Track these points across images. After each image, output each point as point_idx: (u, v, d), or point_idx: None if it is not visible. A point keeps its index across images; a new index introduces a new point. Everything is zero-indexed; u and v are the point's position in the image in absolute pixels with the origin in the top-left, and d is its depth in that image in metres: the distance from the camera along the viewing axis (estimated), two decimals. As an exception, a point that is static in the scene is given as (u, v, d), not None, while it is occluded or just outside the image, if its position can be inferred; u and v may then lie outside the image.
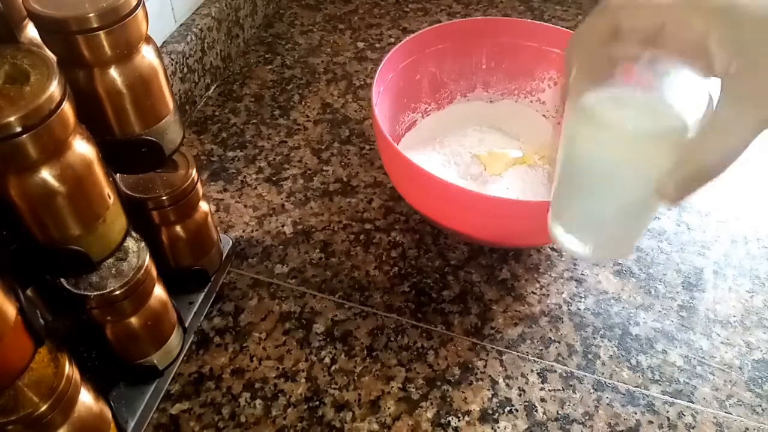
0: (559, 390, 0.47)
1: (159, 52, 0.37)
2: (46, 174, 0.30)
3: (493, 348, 0.50)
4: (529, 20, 0.66)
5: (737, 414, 0.46)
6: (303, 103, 0.71)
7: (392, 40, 0.80)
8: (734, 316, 0.52)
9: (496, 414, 0.46)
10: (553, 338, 0.50)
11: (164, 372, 0.45)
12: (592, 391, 0.47)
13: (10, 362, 0.30)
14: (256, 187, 0.61)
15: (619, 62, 0.29)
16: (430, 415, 0.45)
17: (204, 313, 0.51)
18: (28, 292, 0.36)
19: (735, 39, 0.25)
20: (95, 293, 0.38)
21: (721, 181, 0.66)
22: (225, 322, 0.51)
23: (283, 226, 0.58)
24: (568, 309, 0.52)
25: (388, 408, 0.46)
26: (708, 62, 0.27)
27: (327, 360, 0.48)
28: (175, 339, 0.45)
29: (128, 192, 0.43)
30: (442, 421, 0.45)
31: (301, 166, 0.64)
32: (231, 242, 0.55)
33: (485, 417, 0.45)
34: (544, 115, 0.65)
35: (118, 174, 0.43)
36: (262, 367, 0.48)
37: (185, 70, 0.66)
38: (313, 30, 0.82)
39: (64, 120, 0.29)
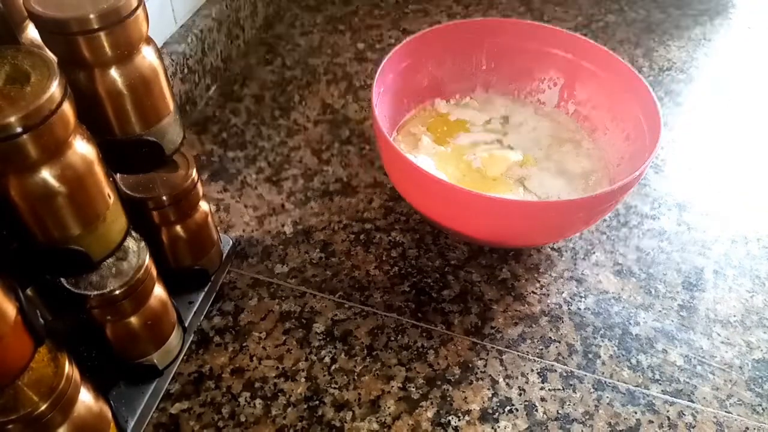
0: (559, 389, 0.47)
1: (159, 52, 0.37)
2: (47, 174, 0.30)
3: (493, 347, 0.50)
4: (528, 21, 0.66)
5: (737, 413, 0.46)
6: (303, 103, 0.71)
7: (392, 41, 0.80)
8: (734, 316, 0.52)
9: (497, 413, 0.46)
10: (553, 338, 0.50)
11: (164, 371, 0.45)
12: (592, 390, 0.47)
13: (10, 361, 0.30)
14: (256, 187, 0.62)
15: None
16: (430, 414, 0.45)
17: (204, 313, 0.51)
18: (28, 291, 0.36)
19: None
20: (95, 293, 0.38)
21: (722, 180, 0.67)
22: (225, 321, 0.51)
23: (283, 225, 0.58)
24: (569, 309, 0.52)
25: (388, 407, 0.46)
26: None
27: (327, 359, 0.48)
28: (174, 338, 0.45)
29: (128, 192, 0.43)
30: (442, 420, 0.45)
31: (301, 166, 0.64)
32: (231, 242, 0.55)
33: (485, 416, 0.45)
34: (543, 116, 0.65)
35: (118, 174, 0.44)
36: (262, 366, 0.48)
37: (186, 70, 0.66)
38: (314, 31, 0.82)
39: (64, 120, 0.29)
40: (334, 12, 0.85)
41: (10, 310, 0.29)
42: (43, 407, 0.32)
